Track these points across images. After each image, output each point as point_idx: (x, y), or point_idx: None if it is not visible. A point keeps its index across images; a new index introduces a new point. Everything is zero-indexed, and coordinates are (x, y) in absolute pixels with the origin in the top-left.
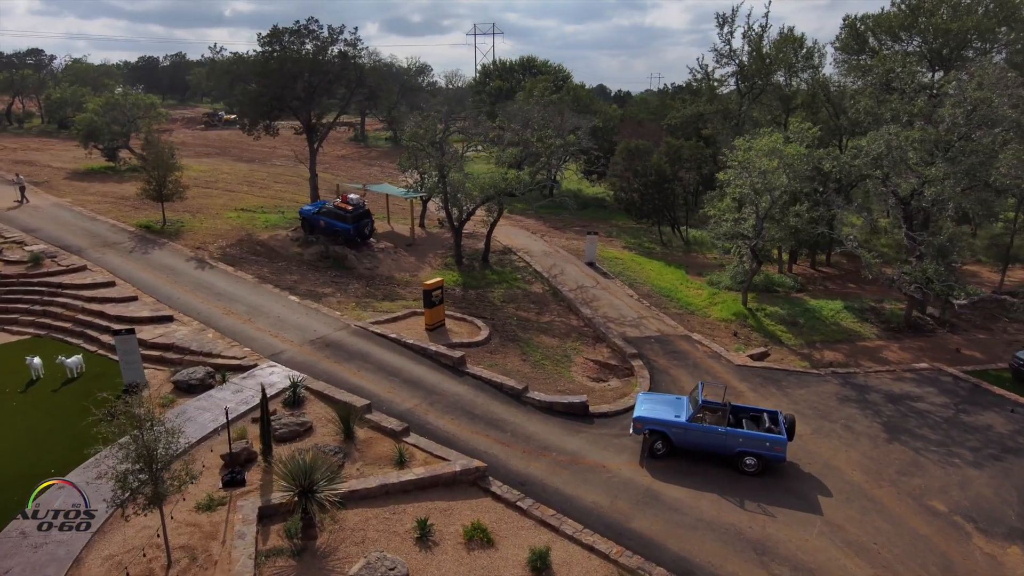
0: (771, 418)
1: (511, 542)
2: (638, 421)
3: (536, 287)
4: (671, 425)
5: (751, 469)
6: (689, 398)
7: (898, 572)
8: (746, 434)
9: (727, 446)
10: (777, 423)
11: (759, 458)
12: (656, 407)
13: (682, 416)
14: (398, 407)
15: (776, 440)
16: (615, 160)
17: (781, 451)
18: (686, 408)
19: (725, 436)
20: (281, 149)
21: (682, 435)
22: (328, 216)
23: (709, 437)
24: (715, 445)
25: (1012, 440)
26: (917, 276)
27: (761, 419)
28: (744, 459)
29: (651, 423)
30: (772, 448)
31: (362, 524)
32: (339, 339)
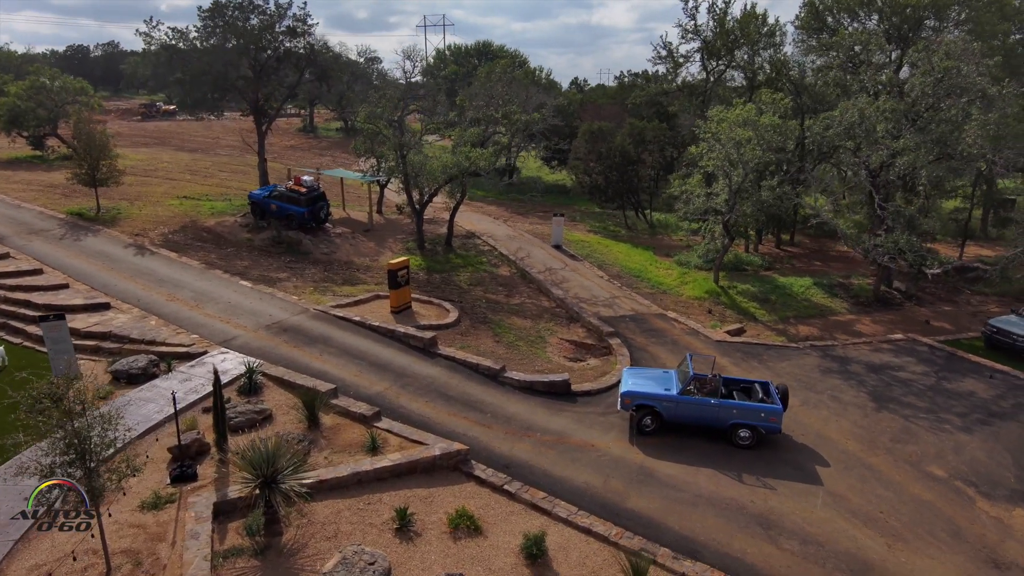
0: (763, 389)
1: (501, 528)
2: (626, 396)
3: (503, 270)
4: (661, 399)
5: (745, 442)
6: (677, 371)
7: (908, 540)
8: (740, 405)
9: (720, 419)
10: (769, 394)
11: (753, 430)
12: (644, 381)
13: (672, 389)
14: (366, 391)
15: (771, 410)
16: (577, 143)
17: (776, 422)
18: (675, 382)
19: (718, 408)
20: (226, 139)
21: (673, 409)
22: (280, 200)
23: (701, 410)
24: (708, 418)
25: (995, 404)
26: (889, 247)
27: (752, 390)
28: (738, 432)
29: (640, 398)
30: (767, 419)
31: (334, 516)
32: (297, 323)
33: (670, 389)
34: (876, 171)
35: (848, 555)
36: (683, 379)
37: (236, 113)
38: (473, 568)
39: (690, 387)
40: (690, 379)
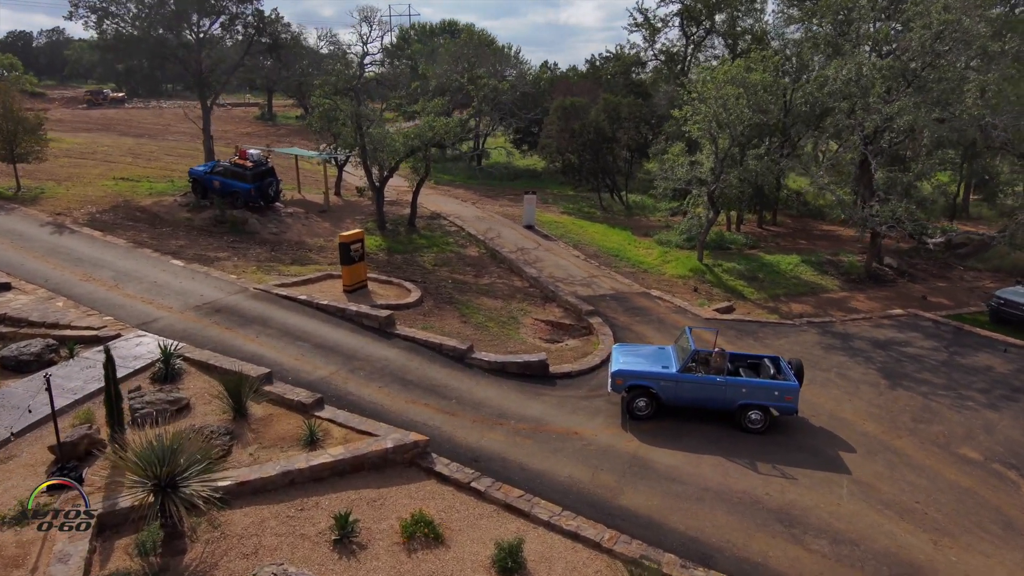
0: (773, 364)
1: (467, 536)
2: (618, 376)
3: (471, 250)
4: (659, 378)
5: (756, 426)
6: (675, 347)
7: (956, 535)
8: (751, 383)
9: (727, 399)
10: (781, 370)
11: (765, 411)
12: (638, 359)
13: (671, 367)
14: (308, 376)
15: (787, 388)
16: (549, 120)
17: (792, 401)
18: (674, 358)
19: (725, 387)
20: (177, 126)
21: (672, 389)
22: (224, 176)
23: (705, 390)
24: (713, 399)
25: (1018, 379)
26: (887, 216)
27: (762, 367)
28: (748, 414)
29: (634, 377)
30: (782, 398)
31: (256, 527)
32: (233, 303)
33: (668, 367)
34: (870, 137)
35: (889, 555)
36: (683, 355)
37: (190, 102)
38: None
39: (691, 364)
40: (692, 355)
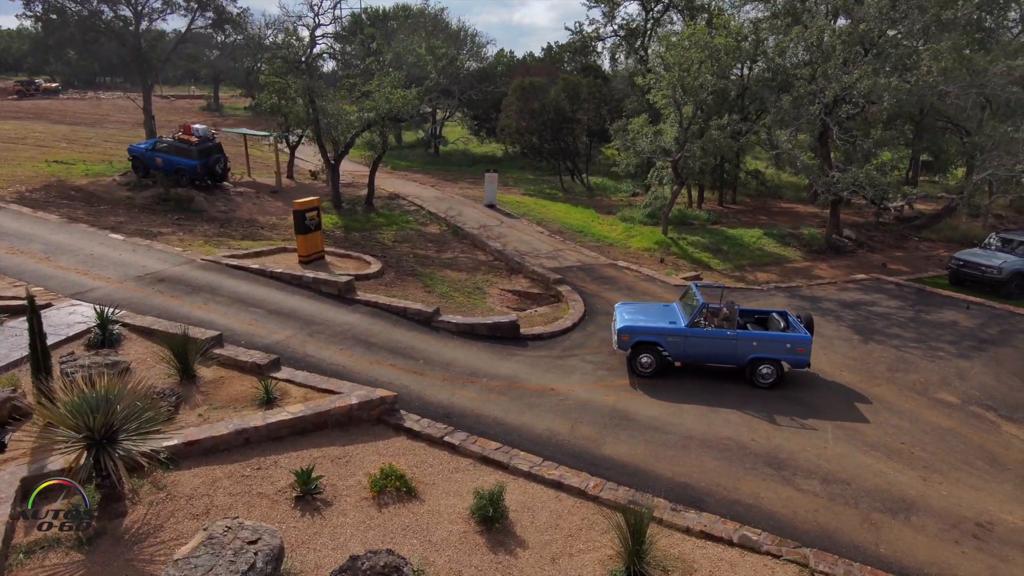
0: (782, 318)
1: (442, 490)
2: (624, 332)
3: (432, 228)
4: (667, 333)
5: (766, 380)
6: (680, 303)
7: (944, 471)
8: (762, 336)
9: (737, 354)
10: (790, 324)
11: (776, 365)
12: (643, 316)
13: (679, 322)
14: (263, 340)
15: (799, 340)
16: (508, 100)
17: (805, 353)
18: (680, 314)
19: (735, 341)
20: (115, 116)
21: (681, 344)
22: (167, 152)
23: (715, 344)
24: (722, 354)
25: (983, 332)
26: (848, 182)
27: (769, 321)
28: (759, 368)
29: (642, 333)
30: (794, 351)
31: (207, 488)
32: (179, 274)
33: (676, 322)
34: (830, 106)
35: (881, 492)
36: (690, 310)
37: (132, 94)
38: (407, 542)
39: (699, 319)
40: (700, 308)
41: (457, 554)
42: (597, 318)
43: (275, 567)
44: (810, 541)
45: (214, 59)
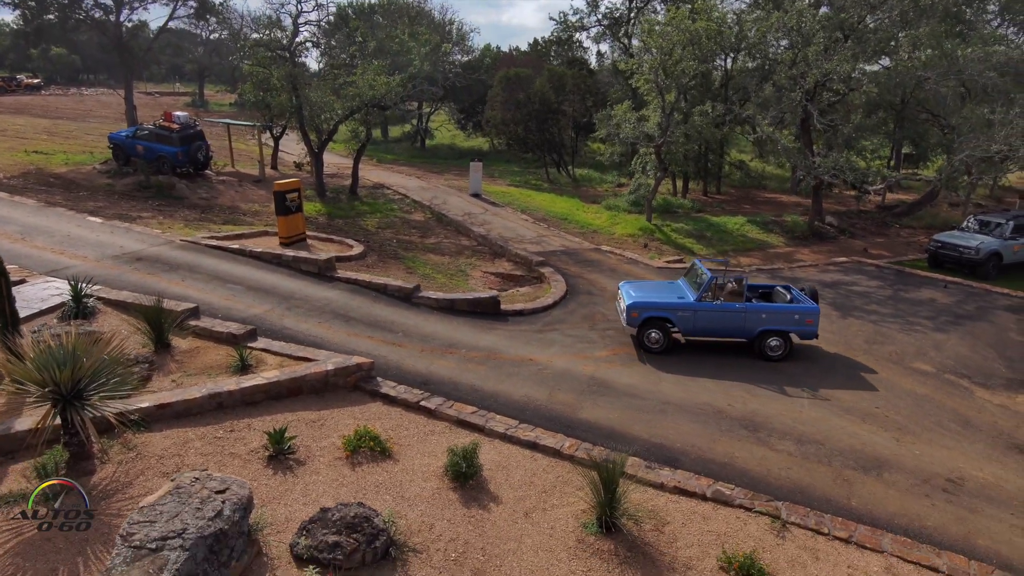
0: (787, 291)
1: (417, 451)
2: (634, 308)
3: (417, 215)
4: (677, 308)
5: (775, 353)
6: (685, 280)
7: (917, 433)
8: (771, 308)
9: (747, 327)
10: (795, 297)
11: (785, 337)
12: (650, 292)
13: (687, 297)
14: (241, 314)
15: (807, 311)
16: (493, 91)
17: (813, 324)
18: (687, 289)
19: (744, 314)
20: (98, 111)
21: (690, 320)
22: (148, 140)
23: (724, 318)
24: (731, 327)
25: (960, 308)
26: (829, 166)
27: (774, 294)
28: (768, 340)
29: (651, 308)
30: (803, 322)
31: (178, 448)
32: (157, 253)
33: (684, 297)
34: (811, 92)
35: (854, 451)
36: (697, 285)
37: (115, 90)
38: (379, 497)
39: (707, 293)
40: (709, 282)
41: (430, 508)
42: (579, 296)
43: (243, 515)
44: (783, 496)
45: (199, 56)
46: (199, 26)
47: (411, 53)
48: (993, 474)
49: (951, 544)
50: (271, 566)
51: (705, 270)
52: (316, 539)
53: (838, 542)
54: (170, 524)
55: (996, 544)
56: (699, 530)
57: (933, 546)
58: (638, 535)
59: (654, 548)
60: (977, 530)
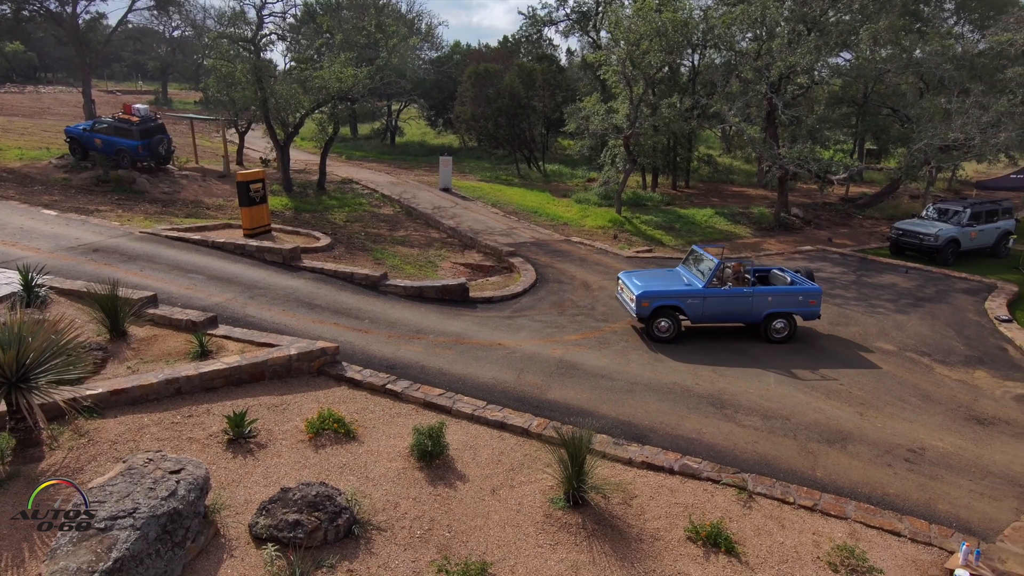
0: (783, 273)
1: (383, 432)
2: (644, 298)
3: (386, 209)
4: (687, 296)
5: (781, 334)
6: (685, 267)
7: (879, 407)
8: (777, 291)
9: (755, 311)
10: (791, 278)
11: (789, 319)
12: (656, 281)
13: (695, 284)
14: (202, 303)
15: (811, 292)
16: (463, 87)
17: (816, 305)
18: (692, 276)
19: (752, 298)
20: (56, 109)
21: (700, 307)
22: (107, 133)
23: (733, 303)
24: (740, 312)
25: (921, 292)
26: (794, 157)
27: (771, 277)
28: (773, 323)
29: (662, 297)
30: (806, 303)
31: (133, 434)
32: (115, 244)
33: (691, 284)
34: (776, 84)
35: (819, 425)
36: (699, 271)
37: (74, 88)
38: (343, 478)
39: (715, 279)
40: (717, 268)
41: (395, 487)
42: (549, 284)
43: (199, 496)
44: (749, 468)
45: (162, 54)
46: (162, 22)
47: (378, 45)
48: (952, 444)
49: (912, 510)
50: (229, 547)
51: (710, 256)
52: (276, 518)
53: (803, 510)
54: (120, 504)
55: (955, 508)
56: (667, 502)
57: (895, 512)
58: (606, 508)
59: (622, 521)
60: (937, 496)
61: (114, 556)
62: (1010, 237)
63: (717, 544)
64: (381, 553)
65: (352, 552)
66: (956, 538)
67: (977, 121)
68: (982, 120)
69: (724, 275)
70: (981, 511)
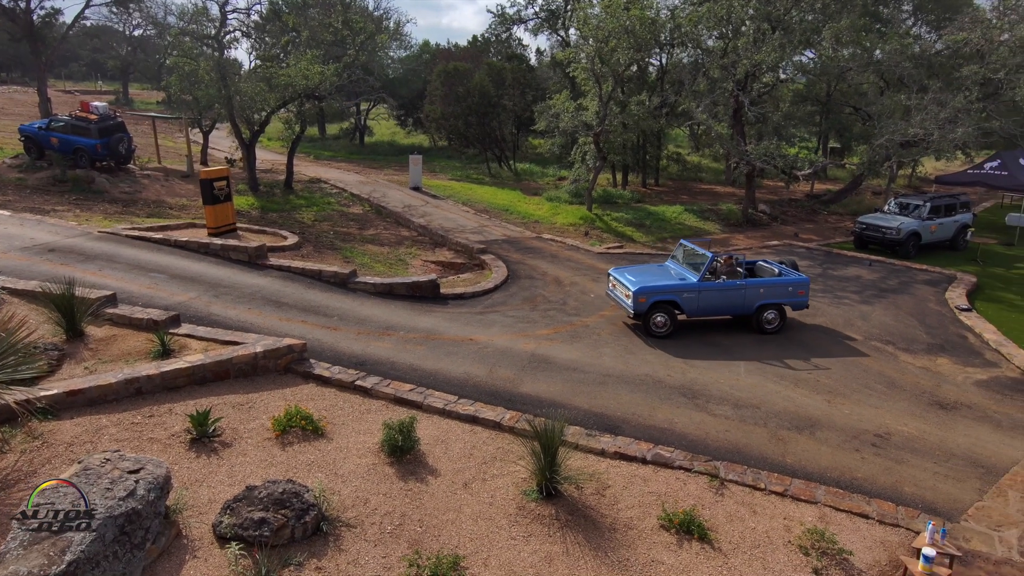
0: (769, 265)
1: (352, 428)
2: (641, 294)
3: (355, 209)
4: (683, 290)
5: (771, 325)
6: (674, 261)
7: (846, 394)
8: (769, 282)
9: (747, 303)
10: (778, 270)
11: (779, 310)
12: (650, 276)
13: (689, 278)
14: (164, 302)
15: (799, 282)
16: (432, 85)
17: (805, 295)
18: (684, 270)
19: (745, 290)
20: (10, 110)
21: (695, 300)
22: (64, 131)
23: (727, 296)
24: (733, 304)
25: (884, 283)
26: (760, 153)
27: (757, 270)
28: (764, 314)
29: (658, 292)
30: (795, 293)
31: (90, 435)
32: (72, 244)
33: (685, 278)
34: (742, 82)
35: (788, 413)
36: (691, 265)
37: (28, 87)
38: (311, 475)
39: (709, 273)
40: (711, 261)
41: (365, 483)
42: (520, 281)
43: (159, 495)
44: (721, 456)
45: (123, 53)
46: (122, 21)
47: (346, 42)
48: (917, 428)
49: (880, 492)
50: (192, 547)
51: (702, 250)
52: (241, 517)
53: (774, 496)
54: (75, 505)
55: (921, 490)
56: (640, 491)
57: (864, 495)
58: (579, 499)
59: (595, 511)
60: (903, 479)
61: (68, 559)
62: (968, 230)
63: (690, 531)
64: (351, 549)
65: (321, 549)
66: (922, 519)
67: (935, 117)
68: (940, 116)
69: (717, 268)
70: (946, 492)
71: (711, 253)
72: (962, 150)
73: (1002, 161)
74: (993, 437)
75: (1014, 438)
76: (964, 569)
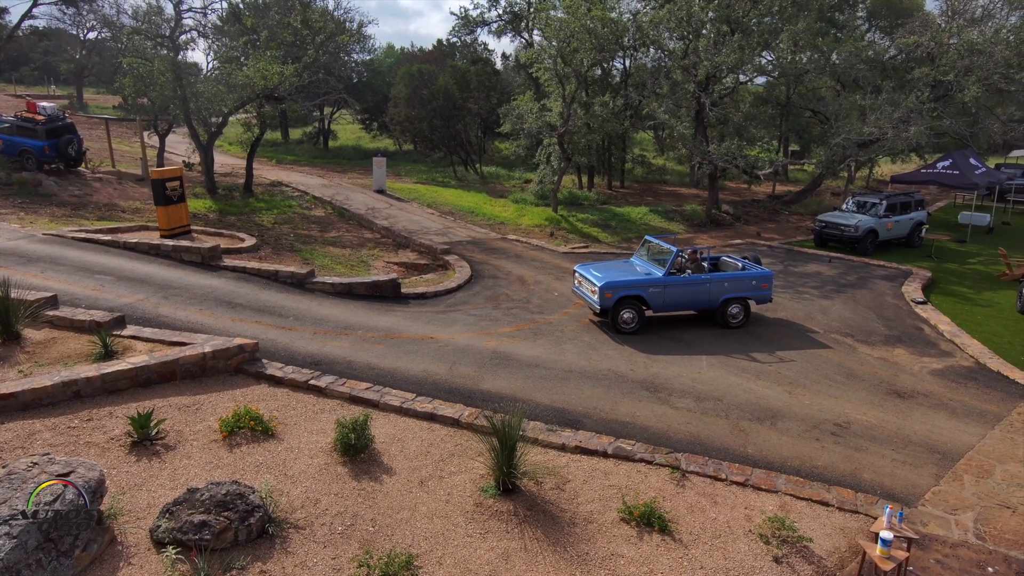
0: (733, 260)
1: (304, 428)
2: (607, 289)
3: (318, 211)
4: (649, 284)
5: (736, 320)
6: (638, 257)
7: (807, 385)
8: (733, 276)
9: (712, 297)
10: (741, 264)
11: (743, 304)
12: (615, 272)
13: (655, 273)
14: (109, 304)
15: (763, 276)
16: (396, 88)
17: (768, 288)
18: (650, 266)
19: (709, 285)
20: None
21: (661, 295)
22: (8, 133)
23: (693, 290)
24: (699, 299)
25: (843, 279)
26: (723, 153)
27: (721, 264)
28: (729, 308)
29: (624, 287)
30: (759, 287)
31: (21, 440)
32: (13, 247)
33: (651, 273)
34: (704, 83)
35: (750, 404)
36: (656, 261)
37: None
38: (259, 476)
39: (674, 268)
40: (675, 256)
41: (316, 484)
42: (484, 280)
43: (91, 500)
44: (683, 448)
45: (78, 56)
46: (75, 23)
47: (306, 43)
48: (875, 417)
49: (839, 480)
50: (126, 554)
51: (667, 245)
52: (180, 520)
53: (735, 486)
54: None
55: (879, 477)
56: (600, 485)
57: (824, 483)
58: (538, 494)
59: (555, 506)
60: (862, 466)
61: None
62: (923, 227)
63: (651, 523)
64: (298, 552)
65: (266, 552)
66: (881, 505)
67: (889, 117)
68: (894, 116)
69: (682, 263)
70: (903, 478)
71: (676, 248)
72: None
73: (953, 160)
74: (948, 424)
75: (968, 424)
76: (921, 552)
